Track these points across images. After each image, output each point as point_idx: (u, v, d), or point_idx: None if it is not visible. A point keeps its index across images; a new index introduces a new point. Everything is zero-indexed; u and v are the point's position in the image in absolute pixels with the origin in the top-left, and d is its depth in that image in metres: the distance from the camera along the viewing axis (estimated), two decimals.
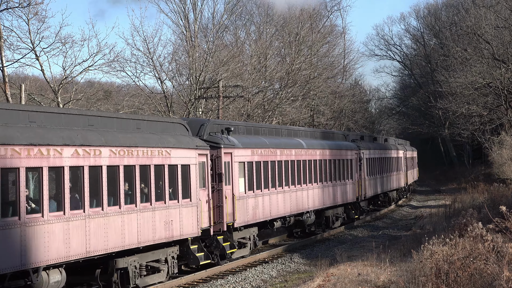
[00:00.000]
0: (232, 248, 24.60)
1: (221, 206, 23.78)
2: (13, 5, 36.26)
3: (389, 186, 50.53)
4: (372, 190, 43.57)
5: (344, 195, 36.93)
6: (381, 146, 49.45)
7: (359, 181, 39.66)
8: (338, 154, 35.96)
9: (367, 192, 41.58)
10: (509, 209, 16.03)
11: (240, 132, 26.82)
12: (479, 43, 53.93)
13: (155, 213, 19.93)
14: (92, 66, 39.96)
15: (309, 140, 33.48)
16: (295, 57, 55.28)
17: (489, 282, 13.64)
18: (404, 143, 67.99)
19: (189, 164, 21.80)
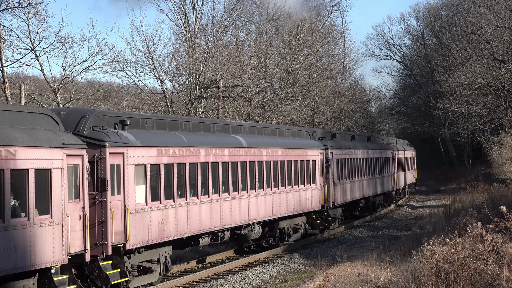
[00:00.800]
0: (124, 276, 18.76)
1: (104, 223, 18.17)
2: (13, 5, 36.27)
3: (372, 190, 44.10)
4: (345, 196, 37.43)
5: (304, 203, 31.07)
6: (361, 145, 43.05)
7: (325, 186, 33.73)
8: (294, 154, 30.26)
9: (337, 198, 35.39)
10: (509, 209, 16.04)
11: (146, 127, 21.13)
12: (479, 43, 53.93)
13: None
14: (92, 66, 39.99)
15: (254, 138, 27.80)
16: (295, 57, 55.29)
17: (489, 282, 13.65)
18: (396, 142, 64.59)
19: (51, 168, 16.32)
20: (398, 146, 58.46)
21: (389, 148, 51.42)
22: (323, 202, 33.07)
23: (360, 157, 41.35)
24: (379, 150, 47.27)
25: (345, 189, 37.33)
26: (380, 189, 46.76)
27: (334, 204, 34.59)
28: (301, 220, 31.69)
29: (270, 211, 27.80)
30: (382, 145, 50.97)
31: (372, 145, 45.97)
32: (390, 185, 50.21)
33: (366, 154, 42.94)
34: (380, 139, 55.24)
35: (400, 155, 57.03)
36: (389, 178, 49.95)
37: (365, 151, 42.89)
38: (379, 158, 46.70)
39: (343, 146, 37.85)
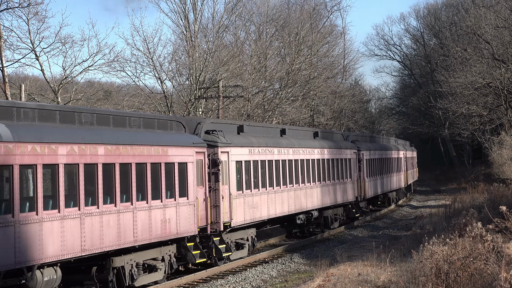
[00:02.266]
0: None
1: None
2: (13, 5, 36.31)
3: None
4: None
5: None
6: (380, 146, 47.77)
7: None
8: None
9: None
10: (509, 209, 16.04)
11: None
12: (479, 43, 53.92)
13: None
14: (92, 66, 40.01)
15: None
16: (295, 57, 55.28)
17: (489, 282, 13.65)
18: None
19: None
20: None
21: (349, 148, 50.74)
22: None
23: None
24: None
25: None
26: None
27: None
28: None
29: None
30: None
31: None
32: (350, 194, 49.20)
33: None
34: (340, 135, 54.03)
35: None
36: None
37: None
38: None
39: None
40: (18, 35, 38.88)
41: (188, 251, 22.17)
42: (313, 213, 32.65)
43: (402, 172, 55.96)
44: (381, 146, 48.38)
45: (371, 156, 43.22)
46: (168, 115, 38.09)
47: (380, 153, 46.74)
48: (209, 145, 23.78)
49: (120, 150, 18.85)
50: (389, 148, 51.45)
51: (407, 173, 59.58)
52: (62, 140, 16.82)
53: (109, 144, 18.42)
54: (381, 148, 47.86)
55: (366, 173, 41.08)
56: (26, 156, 15.67)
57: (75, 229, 16.91)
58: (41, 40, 38.66)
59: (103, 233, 17.91)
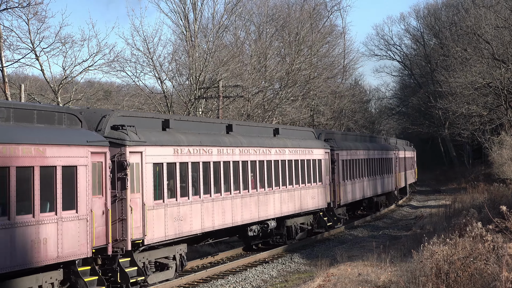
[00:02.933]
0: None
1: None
2: (13, 5, 36.30)
3: (262, 212, 30.85)
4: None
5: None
6: (372, 146, 45.35)
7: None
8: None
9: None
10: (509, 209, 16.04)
11: None
12: (479, 43, 53.93)
13: None
14: (92, 66, 39.99)
15: None
16: (295, 57, 55.26)
17: (489, 282, 13.64)
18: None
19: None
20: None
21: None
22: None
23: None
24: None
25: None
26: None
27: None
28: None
29: None
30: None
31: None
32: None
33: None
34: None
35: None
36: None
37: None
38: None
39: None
40: (18, 35, 38.94)
41: (79, 277, 17.37)
42: (269, 224, 27.85)
43: (394, 173, 51.36)
44: (365, 146, 43.36)
45: (350, 157, 38.29)
46: (57, 105, 30.80)
47: (363, 153, 41.78)
48: (113, 143, 18.89)
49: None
50: (376, 147, 46.65)
51: (400, 174, 55.38)
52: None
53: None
54: (365, 147, 42.87)
55: (342, 176, 36.31)
56: None
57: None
58: (41, 40, 38.72)
59: None
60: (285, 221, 29.95)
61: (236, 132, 26.39)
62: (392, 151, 51.43)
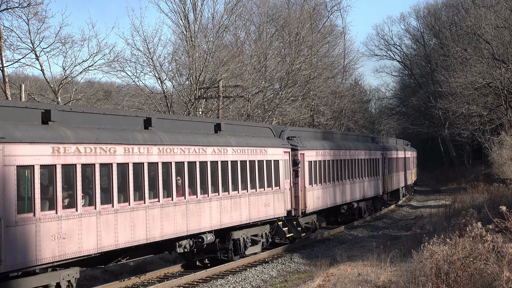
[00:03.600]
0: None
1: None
2: (13, 5, 36.33)
3: (193, 224, 24.11)
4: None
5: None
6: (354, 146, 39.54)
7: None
8: None
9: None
10: (509, 209, 16.03)
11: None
12: (479, 43, 53.96)
13: None
14: (92, 66, 40.05)
15: None
16: (295, 57, 55.28)
17: (489, 282, 13.64)
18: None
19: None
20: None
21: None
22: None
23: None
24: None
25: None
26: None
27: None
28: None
29: None
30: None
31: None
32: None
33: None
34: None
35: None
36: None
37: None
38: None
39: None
40: (18, 35, 39.02)
41: None
42: (205, 237, 23.09)
43: (381, 176, 45.94)
44: (344, 145, 38.15)
45: (321, 158, 33.38)
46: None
47: (340, 153, 36.77)
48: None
49: None
50: (359, 147, 41.08)
51: (390, 176, 49.72)
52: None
53: None
54: (343, 147, 37.61)
55: (309, 179, 31.57)
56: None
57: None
58: (41, 40, 38.76)
59: None
60: (230, 233, 24.99)
61: (158, 127, 21.38)
62: (379, 151, 45.90)
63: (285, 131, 30.67)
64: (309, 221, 32.30)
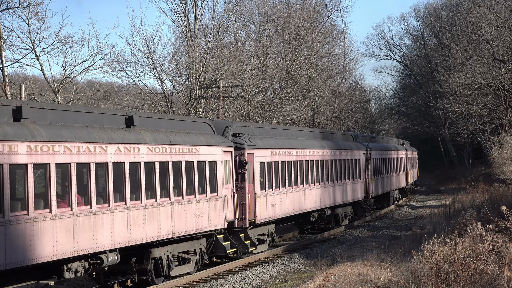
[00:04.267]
0: None
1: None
2: (13, 5, 36.28)
3: (84, 242, 19.08)
4: None
5: None
6: None
7: None
8: None
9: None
10: (509, 209, 16.04)
11: None
12: (479, 43, 53.97)
13: None
14: (92, 66, 40.01)
15: None
16: (295, 57, 55.28)
17: (489, 282, 13.64)
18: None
19: None
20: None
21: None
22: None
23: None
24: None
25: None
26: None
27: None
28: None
29: None
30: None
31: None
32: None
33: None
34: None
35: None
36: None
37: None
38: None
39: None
40: (18, 35, 38.91)
41: None
42: (104, 258, 18.28)
43: (362, 179, 40.75)
44: (311, 144, 33.10)
45: (278, 158, 28.61)
46: None
47: (305, 153, 31.78)
48: None
49: None
50: (333, 146, 36.05)
51: (376, 179, 44.46)
52: None
53: None
54: (309, 146, 32.50)
55: (260, 184, 26.80)
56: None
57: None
58: (41, 40, 38.65)
59: None
60: (149, 251, 20.59)
61: (33, 118, 16.71)
62: (360, 151, 40.76)
63: (230, 127, 25.82)
64: (264, 232, 28.17)
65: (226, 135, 25.33)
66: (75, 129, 17.64)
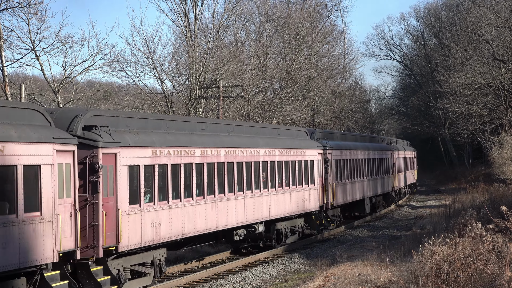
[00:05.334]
0: None
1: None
2: (13, 4, 36.27)
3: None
4: None
5: None
6: None
7: None
8: None
9: None
10: (509, 209, 16.03)
11: None
12: (479, 43, 53.98)
13: None
14: (92, 66, 39.98)
15: None
16: (295, 57, 55.27)
17: (490, 282, 13.64)
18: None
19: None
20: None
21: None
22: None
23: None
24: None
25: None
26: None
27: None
28: None
29: None
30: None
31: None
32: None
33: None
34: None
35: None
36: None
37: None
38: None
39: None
40: (18, 35, 38.84)
41: None
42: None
43: (315, 183, 32.13)
44: (221, 141, 24.61)
45: (163, 159, 20.94)
46: None
47: (218, 152, 24.10)
48: None
49: None
50: (260, 145, 27.57)
51: (334, 186, 34.84)
52: None
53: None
54: (221, 144, 24.43)
55: (124, 197, 18.99)
56: None
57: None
58: (41, 40, 38.62)
59: None
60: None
61: None
62: (312, 149, 32.25)
63: (82, 116, 18.28)
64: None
65: (72, 128, 18.22)
66: None
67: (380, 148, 47.46)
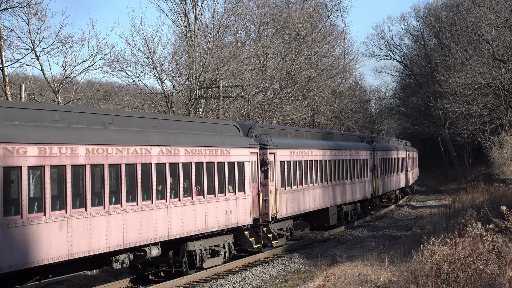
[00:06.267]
0: None
1: None
2: (13, 4, 36.28)
3: None
4: None
5: None
6: None
7: None
8: None
9: None
10: (509, 209, 16.03)
11: None
12: (479, 43, 53.99)
13: None
14: (92, 66, 40.02)
15: None
16: (295, 57, 55.28)
17: (490, 282, 13.64)
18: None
19: None
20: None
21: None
22: None
23: None
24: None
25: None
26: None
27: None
28: None
29: None
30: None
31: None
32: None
33: None
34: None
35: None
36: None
37: None
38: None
39: None
40: (18, 35, 38.93)
41: None
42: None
43: (246, 191, 25.63)
44: (112, 137, 18.66)
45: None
46: None
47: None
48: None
49: None
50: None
51: (276, 193, 28.22)
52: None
53: None
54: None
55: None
56: None
57: None
58: (41, 40, 38.69)
59: None
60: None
61: None
62: (242, 148, 25.69)
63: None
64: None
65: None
66: None
67: (355, 147, 40.28)
